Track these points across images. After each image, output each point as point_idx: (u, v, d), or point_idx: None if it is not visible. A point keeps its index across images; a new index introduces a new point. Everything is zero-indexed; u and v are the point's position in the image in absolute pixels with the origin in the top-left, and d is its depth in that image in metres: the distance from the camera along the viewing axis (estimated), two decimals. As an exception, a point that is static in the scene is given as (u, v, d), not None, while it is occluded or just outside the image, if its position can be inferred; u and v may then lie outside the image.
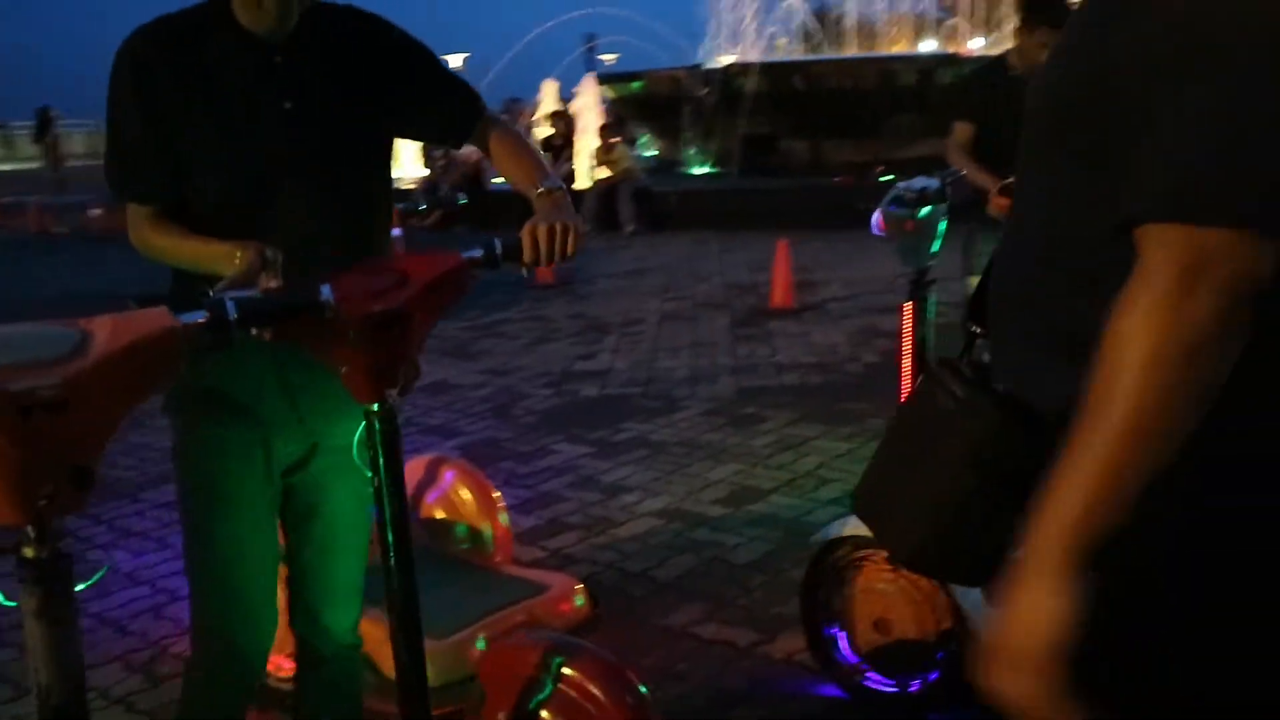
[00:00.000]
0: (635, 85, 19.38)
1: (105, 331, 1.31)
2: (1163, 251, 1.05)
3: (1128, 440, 1.06)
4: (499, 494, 3.32)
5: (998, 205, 3.34)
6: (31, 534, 1.29)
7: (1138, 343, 1.04)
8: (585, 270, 10.63)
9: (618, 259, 11.43)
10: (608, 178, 13.67)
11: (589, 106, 15.43)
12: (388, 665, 2.76)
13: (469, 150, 15.40)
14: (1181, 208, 1.04)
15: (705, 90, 16.74)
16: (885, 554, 2.79)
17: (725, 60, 22.18)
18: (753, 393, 5.92)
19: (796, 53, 25.29)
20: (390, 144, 2.11)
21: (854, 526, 2.90)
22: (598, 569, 3.70)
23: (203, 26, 1.88)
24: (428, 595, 2.84)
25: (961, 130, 4.14)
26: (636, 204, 13.43)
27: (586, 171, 14.30)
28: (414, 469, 3.46)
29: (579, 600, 2.99)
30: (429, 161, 15.53)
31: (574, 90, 17.63)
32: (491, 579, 3.11)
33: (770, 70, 16.78)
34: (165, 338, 1.35)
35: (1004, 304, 1.30)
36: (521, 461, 4.91)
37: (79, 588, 1.32)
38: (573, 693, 2.02)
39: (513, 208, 11.22)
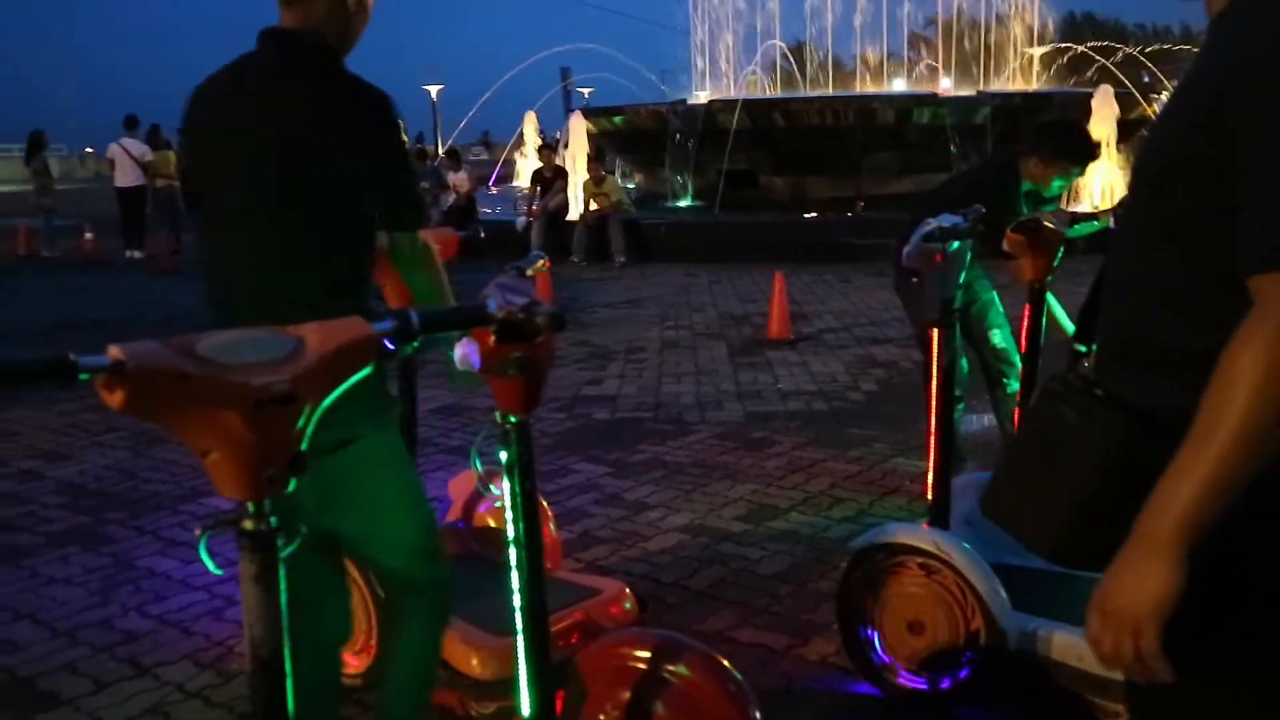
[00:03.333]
0: (617, 119, 19.72)
1: (315, 337, 1.52)
2: (1275, 296, 1.27)
3: (1239, 447, 1.27)
4: (546, 503, 3.54)
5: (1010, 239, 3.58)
6: (251, 510, 1.50)
7: (1252, 368, 1.26)
8: (583, 300, 10.86)
9: (612, 289, 11.67)
10: (598, 210, 13.93)
11: (579, 140, 15.71)
12: (456, 660, 2.98)
13: (461, 177, 15.71)
14: None
15: (685, 127, 17.04)
16: (918, 560, 3.04)
17: (704, 96, 22.62)
18: (760, 417, 6.16)
19: (770, 90, 25.77)
20: None
21: (888, 535, 3.14)
22: (633, 579, 3.89)
23: None
24: (490, 599, 3.07)
25: None
26: (626, 236, 13.69)
27: (578, 203, 14.55)
28: (463, 483, 3.67)
29: (628, 604, 3.20)
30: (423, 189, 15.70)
31: (557, 134, 17.90)
32: (547, 583, 3.32)
33: (751, 107, 17.14)
34: (363, 342, 1.57)
35: (1118, 331, 1.54)
36: (545, 480, 5.11)
37: (283, 553, 1.53)
38: (679, 684, 2.22)
39: (508, 242, 11.51)
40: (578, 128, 16.17)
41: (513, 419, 2.00)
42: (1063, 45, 27.12)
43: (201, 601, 3.84)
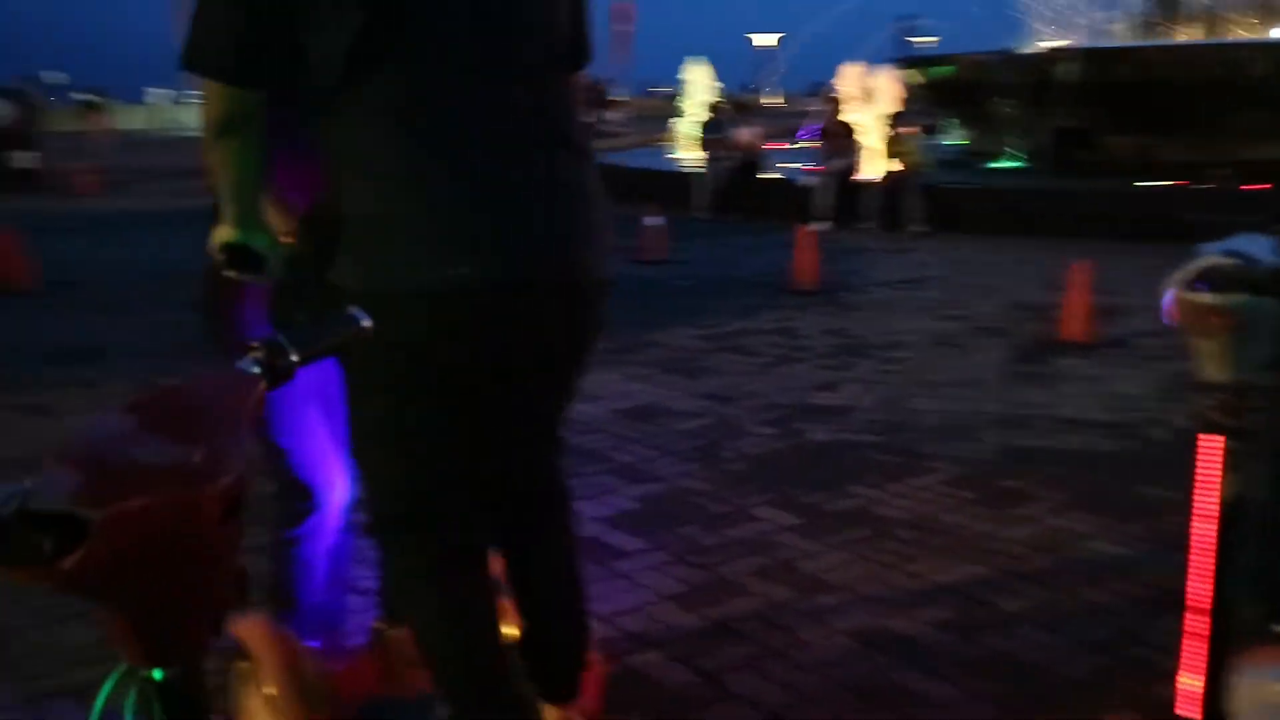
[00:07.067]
0: (944, 70, 17.98)
1: None
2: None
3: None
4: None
5: None
6: None
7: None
8: (859, 275, 9.57)
9: (895, 264, 10.28)
10: (896, 171, 12.46)
11: (882, 94, 14.21)
12: None
13: (748, 132, 14.63)
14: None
15: (1015, 78, 15.11)
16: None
17: (1046, 45, 20.25)
18: (1020, 456, 4.78)
19: (1135, 39, 22.81)
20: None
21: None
22: (757, 717, 2.78)
23: None
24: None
25: None
26: (926, 201, 12.15)
27: (873, 163, 13.14)
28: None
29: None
30: (706, 144, 14.75)
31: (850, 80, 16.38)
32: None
33: (1094, 57, 14.95)
34: None
35: None
36: (708, 527, 4.03)
37: None
38: None
39: (787, 197, 10.45)
40: (884, 80, 14.65)
41: (149, 673, 1.01)
42: None
43: None
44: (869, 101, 14.46)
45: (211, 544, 1.00)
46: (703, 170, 14.25)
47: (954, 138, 19.03)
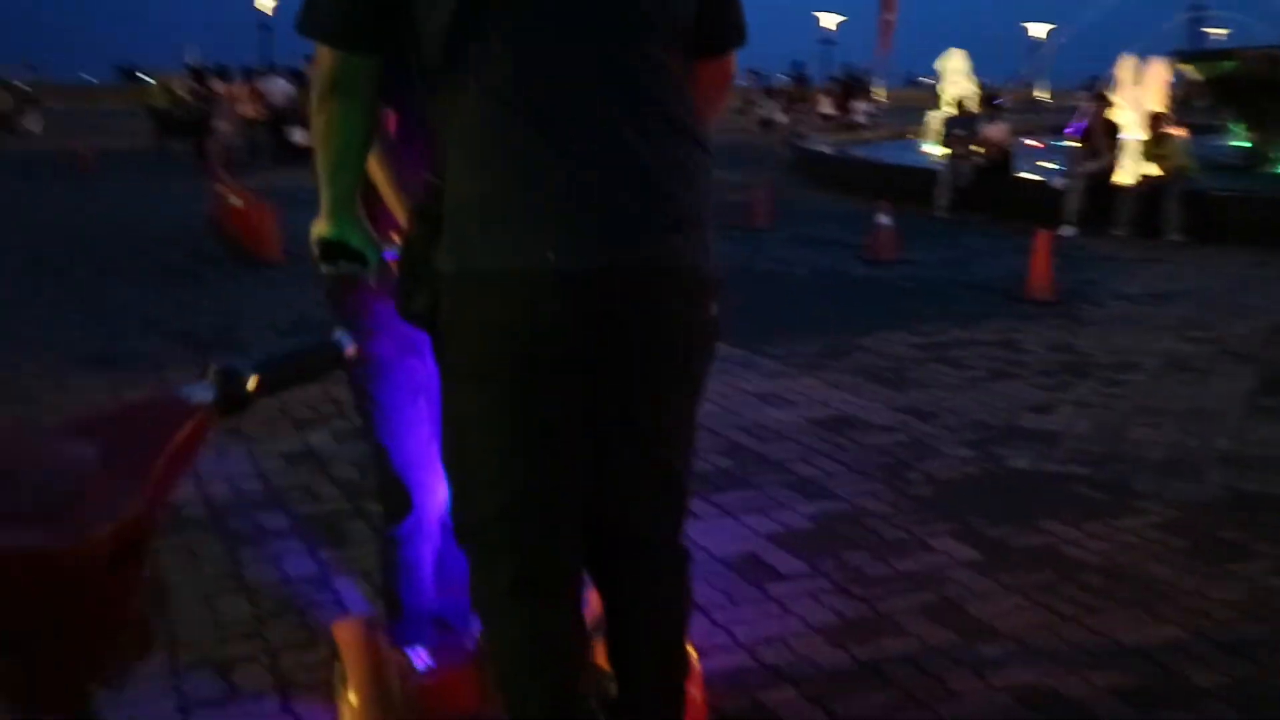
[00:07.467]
0: (1227, 65, 16.61)
1: None
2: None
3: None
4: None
5: None
6: None
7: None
8: (1099, 285, 8.92)
9: (1143, 275, 9.51)
10: (1155, 175, 11.56)
11: (1152, 89, 13.23)
12: None
13: (998, 129, 13.90)
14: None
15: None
16: None
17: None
18: (1248, 504, 4.27)
19: None
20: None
21: None
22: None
23: None
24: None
25: None
26: (1187, 209, 11.21)
27: (1131, 165, 12.24)
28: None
29: None
30: (948, 139, 14.10)
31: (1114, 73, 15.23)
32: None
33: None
34: None
35: None
36: (878, 555, 3.78)
37: None
38: None
39: (1038, 199, 9.83)
40: (1153, 75, 13.63)
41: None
42: None
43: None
44: (1139, 98, 13.52)
45: (95, 592, 0.92)
46: (944, 166, 13.66)
47: (1235, 139, 17.56)
